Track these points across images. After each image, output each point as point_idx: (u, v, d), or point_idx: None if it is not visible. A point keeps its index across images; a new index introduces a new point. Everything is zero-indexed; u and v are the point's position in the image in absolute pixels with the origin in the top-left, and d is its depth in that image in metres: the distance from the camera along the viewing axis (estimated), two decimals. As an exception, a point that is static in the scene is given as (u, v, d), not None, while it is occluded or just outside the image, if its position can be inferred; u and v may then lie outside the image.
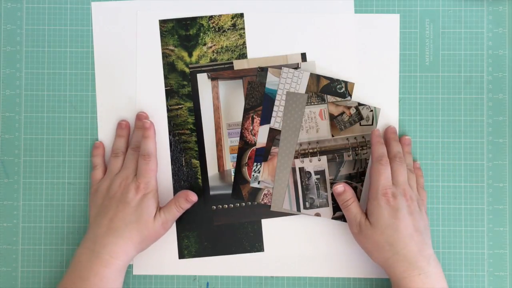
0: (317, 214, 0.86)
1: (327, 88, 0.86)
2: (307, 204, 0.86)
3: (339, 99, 0.86)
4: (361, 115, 0.86)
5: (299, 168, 0.86)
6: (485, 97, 0.87)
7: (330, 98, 0.86)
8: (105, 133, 0.88)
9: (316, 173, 0.86)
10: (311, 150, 0.86)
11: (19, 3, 0.89)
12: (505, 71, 0.88)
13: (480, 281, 0.86)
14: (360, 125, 0.86)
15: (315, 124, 0.86)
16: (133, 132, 0.87)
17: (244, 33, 0.88)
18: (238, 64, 0.87)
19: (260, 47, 0.88)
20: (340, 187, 0.82)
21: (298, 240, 0.87)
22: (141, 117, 0.86)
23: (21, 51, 0.88)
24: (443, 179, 0.87)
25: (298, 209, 0.86)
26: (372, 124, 0.86)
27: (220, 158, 0.87)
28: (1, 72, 0.88)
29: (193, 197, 0.83)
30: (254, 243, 0.87)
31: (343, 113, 0.86)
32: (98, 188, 0.84)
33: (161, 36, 0.88)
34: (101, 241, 0.78)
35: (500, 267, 0.86)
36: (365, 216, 0.80)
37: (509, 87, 0.88)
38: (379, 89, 0.87)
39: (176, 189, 0.87)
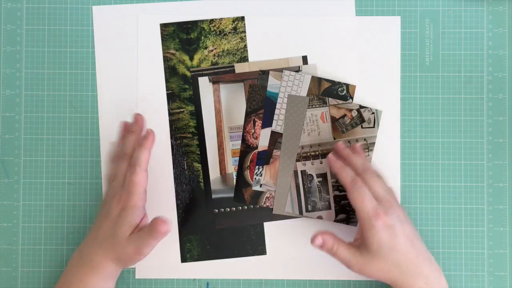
0: (319, 217, 0.86)
1: (328, 91, 0.86)
2: (309, 207, 0.86)
3: (340, 101, 0.86)
4: (362, 118, 0.86)
5: (301, 171, 0.86)
6: (485, 97, 0.87)
7: (331, 101, 0.86)
8: (107, 136, 0.87)
9: (318, 176, 0.86)
10: (313, 153, 0.86)
11: (19, 3, 0.88)
12: (505, 71, 0.88)
13: (480, 281, 0.86)
14: (362, 127, 0.86)
15: (317, 127, 0.86)
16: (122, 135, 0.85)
17: (245, 36, 0.87)
18: (239, 68, 0.87)
19: (261, 51, 0.87)
20: (317, 242, 0.77)
21: (300, 243, 0.87)
22: (138, 121, 0.83)
23: (21, 51, 0.88)
24: (443, 179, 0.87)
25: (300, 212, 0.86)
26: (373, 127, 0.86)
27: (222, 161, 0.87)
28: (1, 72, 0.88)
29: (164, 227, 0.75)
30: (256, 246, 0.87)
31: (344, 115, 0.86)
32: (105, 194, 0.84)
33: (162, 40, 0.87)
34: (87, 249, 0.78)
35: (500, 267, 0.86)
36: (358, 250, 0.76)
37: (509, 87, 0.87)
38: (380, 91, 0.87)
39: (178, 193, 0.87)
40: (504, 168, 0.87)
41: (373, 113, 0.86)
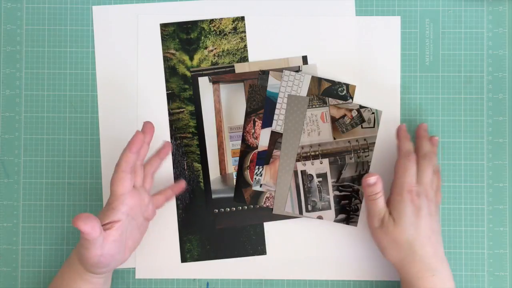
0: (319, 217, 0.86)
1: (328, 91, 0.86)
2: (309, 207, 0.86)
3: (340, 101, 0.86)
4: (362, 118, 0.86)
5: (301, 171, 0.86)
6: (485, 97, 0.87)
7: (331, 101, 0.86)
8: (107, 136, 0.88)
9: (318, 176, 0.86)
10: (313, 153, 0.86)
11: (19, 3, 0.89)
12: (505, 71, 0.88)
13: (480, 281, 0.86)
14: (362, 127, 0.86)
15: (317, 127, 0.86)
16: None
17: (245, 36, 0.88)
18: (239, 67, 0.87)
19: (261, 51, 0.88)
20: (372, 179, 0.78)
21: (300, 243, 0.87)
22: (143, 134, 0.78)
23: (21, 51, 0.88)
24: (443, 179, 0.87)
25: (300, 212, 0.86)
26: (373, 127, 0.86)
27: (222, 161, 0.87)
28: (1, 72, 0.88)
29: (82, 227, 0.69)
30: (256, 246, 0.87)
31: (344, 115, 0.86)
32: None
33: (162, 40, 0.87)
34: (72, 252, 0.78)
35: (500, 267, 0.86)
36: (389, 212, 0.78)
37: (509, 87, 0.87)
38: (380, 91, 0.87)
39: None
40: (504, 168, 0.87)
41: (373, 113, 0.86)
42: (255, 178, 0.86)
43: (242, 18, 0.87)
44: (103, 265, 0.73)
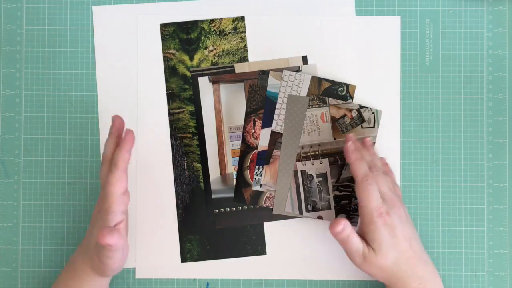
0: (319, 217, 0.86)
1: (328, 91, 0.86)
2: (309, 207, 0.86)
3: (340, 101, 0.86)
4: (362, 118, 0.86)
5: (301, 171, 0.86)
6: (485, 97, 0.87)
7: (331, 100, 0.86)
8: (107, 136, 0.86)
9: (318, 176, 0.86)
10: (313, 153, 0.86)
11: (19, 3, 0.89)
12: (505, 71, 0.88)
13: (480, 281, 0.86)
14: (362, 127, 0.86)
15: (317, 127, 0.86)
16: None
17: (245, 36, 0.88)
18: (239, 67, 0.87)
19: (261, 51, 0.88)
20: (339, 227, 0.76)
21: (300, 243, 0.87)
22: (115, 123, 0.80)
23: (21, 51, 0.88)
24: (443, 179, 0.87)
25: (300, 212, 0.86)
26: (373, 127, 0.86)
27: (222, 161, 0.87)
28: (1, 72, 0.88)
29: (104, 239, 0.70)
30: (256, 247, 0.87)
31: (344, 115, 0.86)
32: None
33: (162, 40, 0.87)
34: (73, 256, 0.79)
35: (500, 267, 0.86)
36: (366, 244, 0.77)
37: (509, 87, 0.87)
38: (380, 91, 0.87)
39: (178, 193, 0.87)
40: (504, 168, 0.87)
41: (373, 113, 0.86)
42: (255, 178, 0.86)
43: (242, 18, 0.87)
44: (122, 266, 0.77)
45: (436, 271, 0.78)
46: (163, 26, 0.87)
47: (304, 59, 0.87)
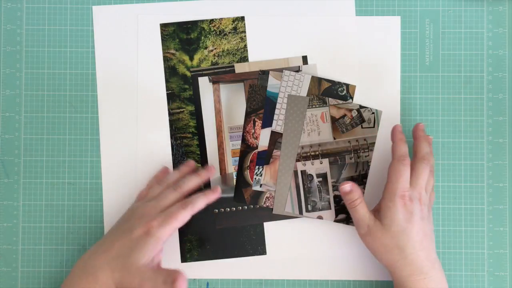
0: (319, 217, 0.86)
1: (328, 91, 0.86)
2: (309, 207, 0.86)
3: (340, 101, 0.86)
4: (362, 118, 0.86)
5: (301, 171, 0.86)
6: (485, 97, 0.88)
7: (331, 101, 0.86)
8: (107, 136, 0.88)
9: (318, 176, 0.86)
10: (312, 153, 0.86)
11: (19, 3, 0.89)
12: (505, 71, 0.88)
13: (480, 281, 0.86)
14: (362, 127, 0.86)
15: (317, 127, 0.86)
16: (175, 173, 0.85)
17: (245, 36, 0.88)
18: (239, 67, 0.87)
19: (261, 51, 0.88)
20: (346, 187, 0.79)
21: (300, 243, 0.87)
22: (209, 170, 0.85)
23: (21, 51, 0.88)
24: (443, 179, 0.87)
25: (300, 212, 0.86)
26: (373, 127, 0.86)
27: (222, 161, 0.87)
28: (1, 72, 0.88)
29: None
30: (256, 247, 0.87)
31: (344, 115, 0.86)
32: (130, 208, 0.82)
33: (162, 40, 0.87)
34: (93, 260, 0.75)
35: (500, 267, 0.86)
36: (373, 217, 0.78)
37: (509, 87, 0.88)
38: (380, 91, 0.87)
39: (178, 193, 0.87)
40: (504, 168, 0.87)
41: (373, 113, 0.86)
42: (255, 178, 0.86)
43: (242, 18, 0.87)
44: None
45: (442, 271, 0.78)
46: (163, 26, 0.87)
47: (304, 59, 0.87)
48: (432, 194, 0.82)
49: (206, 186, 0.87)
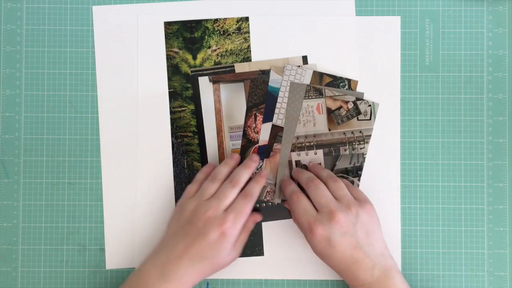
0: None
1: (330, 86, 0.87)
2: (304, 197, 0.87)
3: (336, 93, 0.87)
4: (358, 110, 0.87)
5: (296, 161, 0.87)
6: (485, 97, 0.89)
7: (327, 92, 0.87)
8: (107, 136, 0.89)
9: (313, 166, 0.88)
10: (307, 144, 0.87)
11: (19, 3, 0.90)
12: (505, 71, 0.89)
13: (480, 281, 0.87)
14: (358, 119, 0.87)
15: (312, 118, 0.87)
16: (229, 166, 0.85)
17: (248, 37, 0.88)
18: (239, 67, 0.88)
19: (264, 51, 0.88)
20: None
21: (298, 243, 0.88)
22: (254, 159, 0.86)
23: (21, 51, 0.89)
24: (443, 179, 0.88)
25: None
26: (370, 119, 0.88)
27: (221, 161, 0.88)
28: (1, 72, 0.89)
29: (259, 218, 0.86)
30: (254, 247, 0.88)
31: (340, 107, 0.87)
32: (184, 206, 0.81)
33: (165, 38, 0.88)
34: (172, 266, 0.77)
35: (500, 267, 0.88)
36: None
37: (509, 87, 0.89)
38: (380, 91, 0.88)
39: (178, 192, 0.88)
40: (504, 168, 0.89)
41: (369, 105, 0.87)
42: (255, 173, 0.86)
43: (247, 19, 0.88)
44: None
45: (391, 278, 0.77)
46: (167, 24, 0.88)
47: (304, 59, 0.88)
48: (353, 190, 0.83)
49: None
